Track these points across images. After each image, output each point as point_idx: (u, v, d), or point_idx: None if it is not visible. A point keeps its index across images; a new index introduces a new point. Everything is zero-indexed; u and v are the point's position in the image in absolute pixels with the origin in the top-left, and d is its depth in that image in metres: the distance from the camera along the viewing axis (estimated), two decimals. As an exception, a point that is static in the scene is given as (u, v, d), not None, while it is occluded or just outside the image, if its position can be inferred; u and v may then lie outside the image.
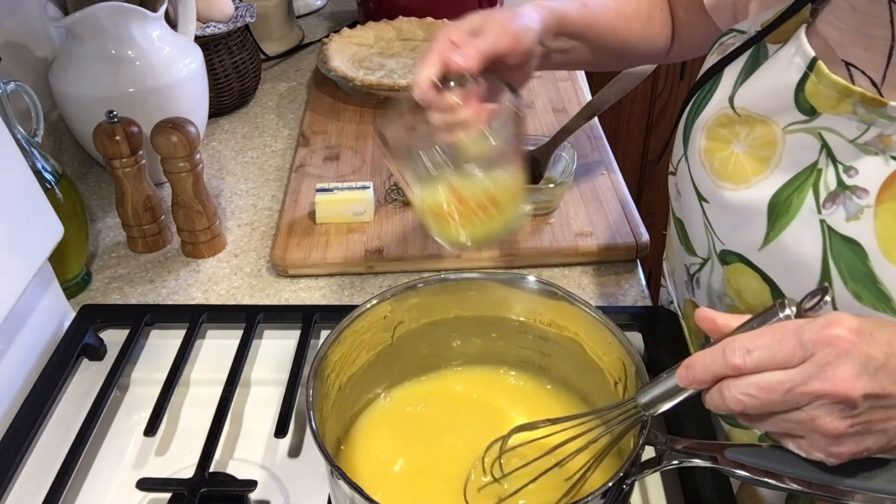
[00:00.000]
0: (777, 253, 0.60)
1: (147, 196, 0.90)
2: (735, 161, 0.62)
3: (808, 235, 0.58)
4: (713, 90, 0.66)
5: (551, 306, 0.63)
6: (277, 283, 0.88)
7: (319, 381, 0.56)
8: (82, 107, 0.96)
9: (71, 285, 0.86)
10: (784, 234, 0.59)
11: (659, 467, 0.51)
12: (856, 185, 0.55)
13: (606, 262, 0.90)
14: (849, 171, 0.55)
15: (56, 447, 0.68)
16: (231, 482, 0.63)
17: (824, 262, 0.57)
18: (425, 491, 0.59)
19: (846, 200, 0.55)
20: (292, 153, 1.10)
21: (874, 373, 0.43)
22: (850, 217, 0.55)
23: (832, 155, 0.56)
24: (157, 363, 0.75)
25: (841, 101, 0.55)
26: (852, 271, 0.55)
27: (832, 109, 0.56)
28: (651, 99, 1.83)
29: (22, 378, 0.73)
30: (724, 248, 0.65)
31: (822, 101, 0.56)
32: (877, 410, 0.44)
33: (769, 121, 0.60)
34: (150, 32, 0.96)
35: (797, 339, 0.44)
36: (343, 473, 0.49)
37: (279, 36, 1.39)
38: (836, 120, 0.56)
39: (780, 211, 0.59)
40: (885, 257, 0.53)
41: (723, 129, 0.64)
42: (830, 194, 0.56)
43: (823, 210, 0.56)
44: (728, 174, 0.63)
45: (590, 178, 1.00)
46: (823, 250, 0.57)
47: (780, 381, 0.44)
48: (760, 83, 0.61)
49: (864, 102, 0.54)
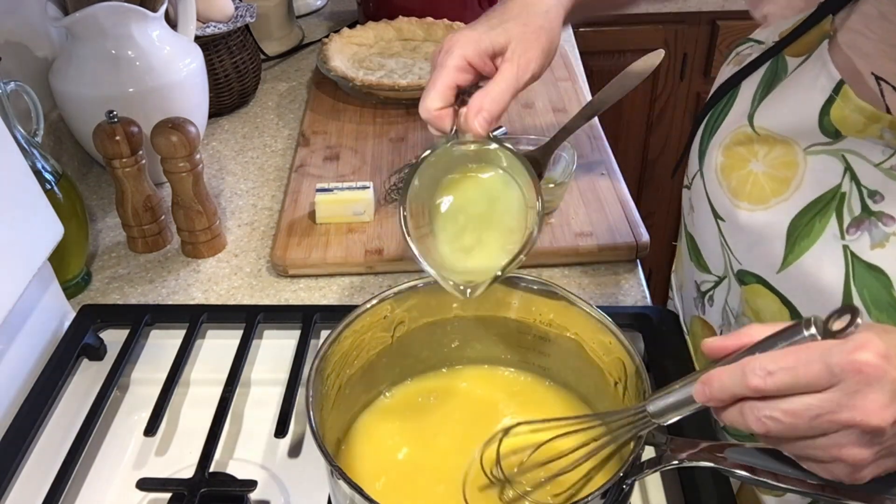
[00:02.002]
0: (797, 276, 0.59)
1: (147, 196, 0.90)
2: (754, 181, 0.61)
3: (829, 260, 0.56)
4: (730, 105, 0.64)
5: (551, 306, 0.63)
6: (277, 283, 0.88)
7: (319, 381, 0.56)
8: (82, 107, 0.96)
9: (71, 285, 0.86)
10: (804, 257, 0.58)
11: (659, 467, 0.51)
12: (881, 212, 0.54)
13: (606, 262, 0.90)
14: (874, 197, 0.54)
15: (56, 447, 0.68)
16: (231, 482, 0.63)
17: (846, 289, 0.55)
18: (426, 491, 0.59)
19: (871, 227, 0.54)
20: (292, 153, 1.10)
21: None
22: (874, 244, 0.54)
23: (856, 178, 0.55)
24: (157, 363, 0.75)
25: (868, 125, 0.53)
26: (876, 300, 0.54)
27: (858, 134, 0.54)
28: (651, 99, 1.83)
29: (22, 378, 0.73)
30: (742, 268, 0.64)
31: (848, 125, 0.55)
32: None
33: (790, 141, 0.59)
34: (150, 32, 0.96)
35: (824, 363, 0.41)
36: (343, 473, 0.49)
37: (279, 36, 1.39)
38: (860, 144, 0.54)
39: (800, 234, 0.58)
40: None
41: (741, 147, 0.62)
42: (855, 220, 0.55)
43: (847, 235, 0.55)
44: (746, 194, 0.62)
45: (590, 178, 1.00)
46: (846, 277, 0.55)
47: (808, 407, 0.42)
48: (782, 103, 0.60)
49: (892, 128, 0.52)
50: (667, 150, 1.92)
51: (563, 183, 0.93)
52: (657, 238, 0.90)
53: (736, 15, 1.68)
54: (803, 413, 0.42)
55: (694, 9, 1.68)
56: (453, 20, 1.31)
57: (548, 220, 0.93)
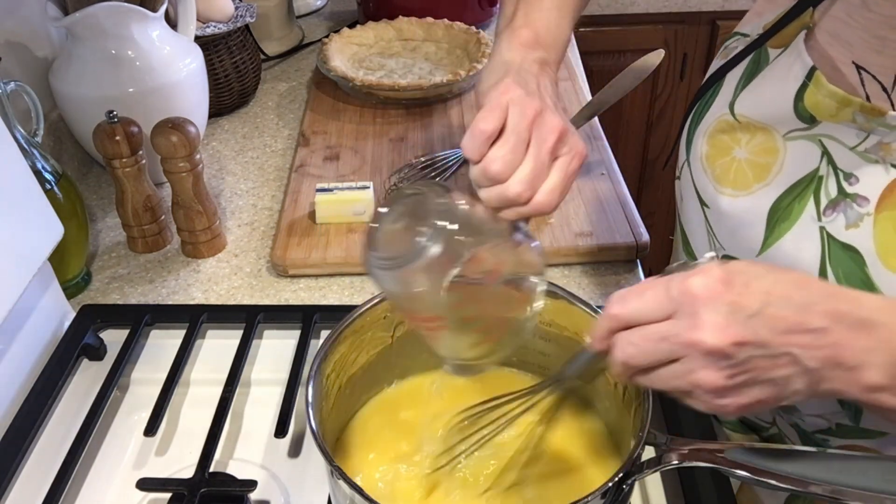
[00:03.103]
0: (776, 259, 0.61)
1: (147, 196, 0.90)
2: (737, 167, 0.63)
3: (807, 242, 0.58)
4: (714, 96, 0.66)
5: (551, 306, 0.63)
6: (277, 283, 0.88)
7: (319, 381, 0.56)
8: (82, 107, 0.96)
9: (71, 285, 0.86)
10: (783, 240, 0.60)
11: (659, 467, 0.51)
12: (856, 193, 0.55)
13: (606, 262, 0.90)
14: (849, 179, 0.56)
15: (56, 447, 0.68)
16: (231, 482, 0.63)
17: (822, 268, 0.57)
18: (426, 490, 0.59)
19: (846, 208, 0.56)
20: (292, 153, 1.10)
21: (745, 321, 0.43)
22: (849, 224, 0.55)
23: (833, 162, 0.57)
24: (157, 363, 0.75)
25: (840, 110, 0.55)
26: (850, 277, 0.56)
27: (832, 118, 0.56)
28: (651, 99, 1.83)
29: (22, 378, 0.73)
30: (725, 252, 0.66)
31: (821, 110, 0.57)
32: (757, 360, 0.44)
33: (770, 128, 0.61)
34: (150, 32, 0.96)
35: (664, 290, 0.45)
36: (343, 473, 0.49)
37: (279, 36, 1.39)
38: (836, 128, 0.56)
39: (780, 217, 0.60)
40: (882, 264, 0.54)
41: (724, 135, 0.64)
42: (831, 202, 0.56)
43: (824, 217, 0.57)
44: (730, 181, 0.63)
45: (590, 178, 1.00)
46: (822, 256, 0.57)
47: (656, 331, 0.45)
48: (760, 91, 0.62)
49: (863, 112, 0.54)
50: (667, 150, 1.92)
51: (563, 183, 0.93)
52: (657, 238, 0.90)
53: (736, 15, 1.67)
54: (652, 336, 0.45)
55: (694, 9, 1.68)
56: (453, 20, 1.31)
57: (548, 220, 0.93)
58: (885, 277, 0.54)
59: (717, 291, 0.44)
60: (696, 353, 0.44)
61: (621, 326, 0.47)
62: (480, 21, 1.41)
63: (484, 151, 0.58)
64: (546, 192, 0.58)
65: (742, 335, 0.43)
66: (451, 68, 1.22)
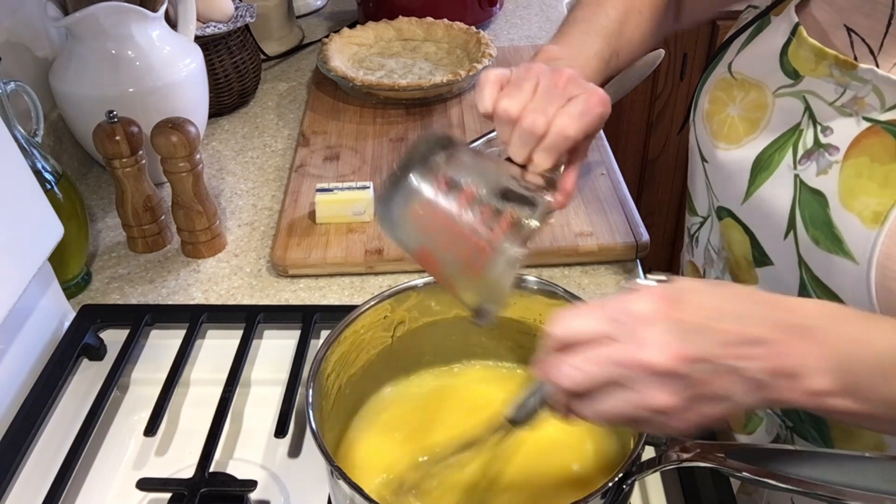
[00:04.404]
0: (756, 206, 0.64)
1: (147, 196, 0.90)
2: (730, 123, 0.66)
3: (782, 189, 0.61)
4: (720, 59, 0.70)
5: (551, 306, 0.63)
6: (277, 283, 0.88)
7: (319, 381, 0.56)
8: (82, 107, 0.96)
9: (71, 285, 0.86)
10: (762, 188, 0.63)
11: (659, 467, 0.51)
12: (829, 143, 0.58)
13: (606, 262, 0.90)
14: (825, 132, 0.59)
15: (56, 447, 0.68)
16: (231, 482, 0.63)
17: (792, 212, 0.60)
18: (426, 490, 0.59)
19: (819, 157, 0.59)
20: (292, 153, 1.10)
21: (690, 337, 0.43)
22: (819, 171, 0.58)
23: (813, 117, 0.60)
24: (157, 363, 0.75)
25: (819, 63, 0.59)
26: (814, 219, 0.58)
27: (812, 72, 0.60)
28: (651, 99, 1.83)
29: (22, 378, 0.73)
30: (719, 204, 0.69)
31: (802, 63, 0.61)
32: (705, 376, 0.43)
33: (762, 84, 0.64)
34: (150, 32, 0.96)
35: (604, 310, 0.45)
36: (343, 473, 0.49)
37: (279, 36, 1.39)
38: (817, 83, 0.59)
39: (762, 167, 0.63)
40: (842, 206, 0.56)
41: (722, 92, 0.68)
42: (807, 151, 0.60)
43: (799, 166, 0.60)
44: (724, 135, 0.67)
45: (590, 178, 1.00)
46: (793, 201, 0.60)
47: (599, 354, 0.44)
48: (754, 49, 0.66)
49: (838, 65, 0.57)
50: (667, 150, 1.92)
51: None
52: (657, 238, 0.90)
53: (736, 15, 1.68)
54: (596, 358, 0.44)
55: (694, 9, 1.68)
56: (453, 20, 1.31)
57: (548, 220, 0.93)
58: (844, 217, 0.56)
59: (660, 310, 0.44)
60: (643, 375, 0.43)
61: (560, 347, 0.46)
62: (480, 21, 1.41)
63: (494, 96, 0.61)
64: (564, 115, 0.59)
65: (688, 351, 0.43)
66: (451, 68, 1.22)
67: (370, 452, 0.61)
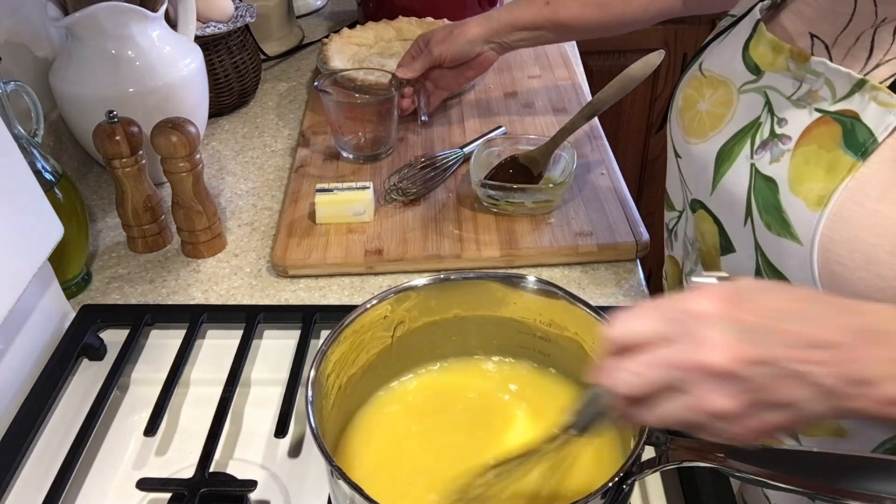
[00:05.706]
0: (721, 196, 0.66)
1: (147, 196, 0.90)
2: (699, 119, 0.69)
3: (740, 178, 0.63)
4: (695, 62, 0.74)
5: (551, 306, 0.63)
6: (277, 283, 0.88)
7: (319, 381, 0.56)
8: (82, 107, 0.96)
9: (71, 285, 0.86)
10: (725, 178, 0.65)
11: (659, 467, 0.51)
12: (783, 133, 0.60)
13: (606, 261, 0.90)
14: (781, 123, 0.61)
15: (56, 447, 0.68)
16: (231, 482, 0.63)
17: (748, 199, 0.62)
18: (426, 490, 0.59)
19: (773, 147, 0.61)
20: (292, 153, 1.10)
21: (754, 338, 0.41)
22: (772, 160, 0.60)
23: (772, 110, 0.62)
24: (157, 363, 0.75)
25: (776, 57, 0.62)
26: (766, 204, 0.60)
27: (770, 67, 0.63)
28: (651, 99, 1.83)
29: (22, 378, 0.73)
30: (693, 197, 0.71)
31: (761, 58, 0.64)
32: (770, 380, 0.41)
33: (728, 81, 0.67)
34: (150, 32, 0.96)
35: (660, 311, 0.44)
36: (343, 473, 0.49)
37: (279, 36, 1.39)
38: (776, 78, 0.62)
39: (724, 158, 0.65)
40: (791, 191, 0.58)
41: (693, 90, 0.71)
42: (763, 142, 0.62)
43: (755, 155, 0.62)
44: (694, 130, 0.70)
45: (590, 178, 1.00)
46: (749, 188, 0.62)
47: (658, 356, 0.43)
48: (722, 48, 0.69)
49: (793, 58, 0.60)
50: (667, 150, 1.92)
51: (563, 183, 0.93)
52: (657, 238, 0.90)
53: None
54: (654, 362, 0.43)
55: (694, 9, 1.68)
56: (453, 20, 1.30)
57: (548, 219, 0.93)
58: (791, 202, 0.58)
59: (723, 309, 0.42)
60: (702, 377, 0.41)
61: (617, 350, 0.44)
62: (480, 21, 1.41)
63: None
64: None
65: (748, 352, 0.41)
66: (451, 68, 1.22)
67: (370, 452, 0.61)
